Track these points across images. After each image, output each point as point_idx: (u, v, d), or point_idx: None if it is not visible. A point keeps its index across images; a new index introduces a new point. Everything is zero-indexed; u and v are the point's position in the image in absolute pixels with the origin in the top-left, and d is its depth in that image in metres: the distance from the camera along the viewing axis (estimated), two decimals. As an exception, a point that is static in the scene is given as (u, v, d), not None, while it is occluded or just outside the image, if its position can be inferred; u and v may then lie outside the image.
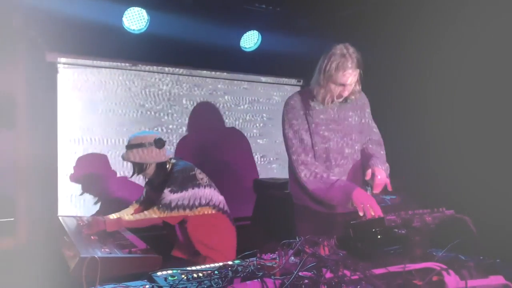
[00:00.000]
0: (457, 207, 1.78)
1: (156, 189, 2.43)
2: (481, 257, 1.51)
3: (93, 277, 1.50)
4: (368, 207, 1.91)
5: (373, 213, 1.89)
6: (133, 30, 3.19)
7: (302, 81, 4.32)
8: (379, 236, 1.79)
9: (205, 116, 3.83)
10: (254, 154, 4.11)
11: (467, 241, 1.61)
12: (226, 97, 3.93)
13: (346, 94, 2.13)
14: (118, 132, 3.41)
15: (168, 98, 3.63)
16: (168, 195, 2.29)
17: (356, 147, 2.27)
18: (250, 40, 3.74)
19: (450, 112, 2.86)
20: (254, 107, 4.10)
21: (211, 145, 3.83)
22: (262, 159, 4.17)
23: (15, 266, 2.75)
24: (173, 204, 2.28)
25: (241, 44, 3.70)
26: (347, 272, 1.49)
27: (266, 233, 3.62)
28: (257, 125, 4.13)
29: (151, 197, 2.54)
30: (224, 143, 3.91)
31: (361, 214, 1.92)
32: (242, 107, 4.03)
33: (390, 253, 1.72)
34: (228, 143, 3.95)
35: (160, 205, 2.28)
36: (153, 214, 2.28)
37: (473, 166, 2.68)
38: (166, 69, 3.59)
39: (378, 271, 1.59)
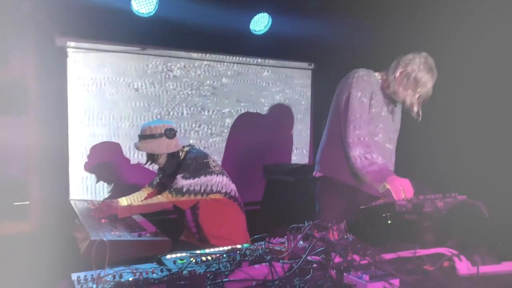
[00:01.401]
0: (470, 193, 1.75)
1: (169, 177, 2.44)
2: (498, 243, 1.47)
3: (103, 259, 1.51)
4: (400, 189, 1.92)
5: (404, 196, 1.89)
6: (142, 13, 3.16)
7: (313, 64, 4.26)
8: (389, 222, 1.77)
9: (219, 101, 3.81)
10: (263, 138, 4.09)
11: (479, 226, 1.59)
12: (235, 80, 3.90)
13: (414, 101, 2.23)
14: (128, 116, 3.42)
15: (178, 82, 3.61)
16: (180, 181, 2.30)
17: (395, 144, 2.40)
18: (260, 23, 3.68)
19: (464, 94, 2.79)
20: (263, 90, 4.07)
21: (223, 130, 3.83)
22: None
23: (28, 249, 2.80)
24: (184, 189, 2.29)
25: (251, 27, 3.65)
26: (356, 257, 1.48)
27: (275, 217, 3.62)
28: (266, 108, 4.10)
29: (164, 183, 2.55)
30: (236, 128, 3.90)
31: (394, 196, 1.95)
32: (252, 91, 4.00)
33: (400, 238, 1.72)
34: (240, 127, 3.93)
35: (172, 190, 2.29)
36: (164, 198, 2.29)
37: (486, 151, 2.63)
38: (175, 52, 3.55)
39: (388, 256, 1.58)
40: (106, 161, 3.30)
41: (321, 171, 2.40)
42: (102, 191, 3.31)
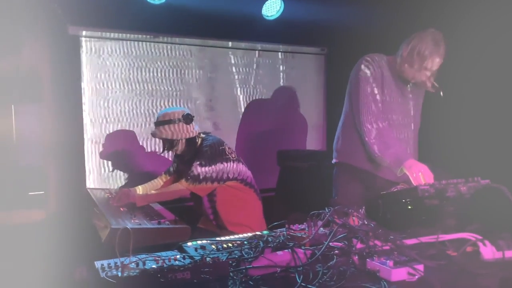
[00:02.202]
0: (492, 177, 1.72)
1: (186, 163, 2.44)
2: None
3: (124, 247, 1.52)
4: (419, 175, 1.92)
5: (424, 181, 1.89)
6: (154, 1, 3.13)
7: (326, 49, 4.20)
8: (409, 207, 1.76)
9: (230, 87, 3.79)
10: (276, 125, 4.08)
11: (504, 211, 1.56)
12: (247, 67, 3.86)
13: (425, 78, 2.20)
14: (143, 104, 3.42)
15: (190, 69, 3.59)
16: (197, 168, 2.30)
17: (411, 128, 2.37)
18: (273, 8, 3.62)
19: (485, 76, 2.73)
20: (276, 76, 4.03)
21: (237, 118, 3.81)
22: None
23: (46, 237, 2.84)
24: (201, 176, 2.29)
25: (263, 13, 3.60)
26: (378, 243, 1.47)
27: (290, 204, 3.62)
28: (278, 94, 4.07)
29: (181, 170, 2.55)
30: (248, 114, 3.88)
31: (413, 182, 1.95)
32: (264, 77, 3.96)
33: (420, 223, 1.70)
34: (252, 114, 3.91)
35: (189, 177, 2.30)
36: (181, 186, 2.30)
37: (509, 134, 2.57)
38: (187, 39, 3.53)
39: (410, 241, 1.57)
40: (121, 149, 3.32)
41: (338, 158, 2.42)
42: (118, 179, 3.34)
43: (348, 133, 2.35)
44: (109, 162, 3.29)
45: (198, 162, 2.32)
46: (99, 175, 3.29)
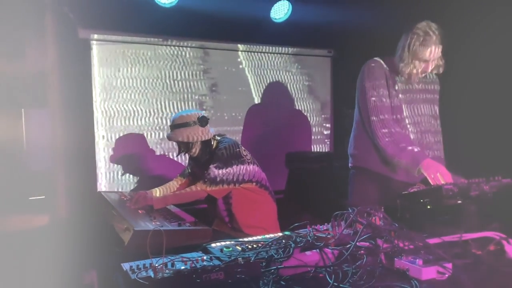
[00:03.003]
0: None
1: (202, 166, 2.45)
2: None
3: (147, 248, 1.52)
4: (438, 175, 1.94)
5: (443, 181, 1.90)
6: (164, 3, 3.15)
7: (332, 51, 4.22)
8: (428, 207, 1.77)
9: (238, 89, 3.81)
10: (286, 127, 4.09)
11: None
12: (255, 69, 3.88)
13: (429, 69, 2.23)
14: (153, 107, 3.43)
15: (200, 71, 3.60)
16: (214, 171, 2.31)
17: (427, 126, 2.36)
18: (281, 10, 3.64)
19: (503, 75, 2.74)
20: (283, 78, 4.04)
21: (244, 119, 3.82)
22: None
23: (55, 240, 2.83)
24: (218, 179, 2.30)
25: (271, 15, 3.62)
26: (405, 242, 1.48)
27: (299, 206, 3.63)
28: (285, 96, 4.08)
29: (196, 173, 2.55)
30: (253, 116, 3.89)
31: (431, 182, 1.96)
32: (271, 79, 3.98)
33: (440, 223, 1.71)
34: (258, 116, 3.92)
35: (206, 180, 2.30)
36: (199, 188, 2.30)
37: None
38: (197, 42, 3.55)
39: (432, 240, 1.58)
40: (131, 152, 3.32)
41: (354, 163, 2.45)
42: (129, 182, 3.34)
43: (361, 138, 2.38)
44: (120, 166, 3.29)
45: (214, 165, 2.32)
46: (110, 179, 3.29)
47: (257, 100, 3.92)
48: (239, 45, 3.75)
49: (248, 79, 3.85)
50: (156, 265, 1.30)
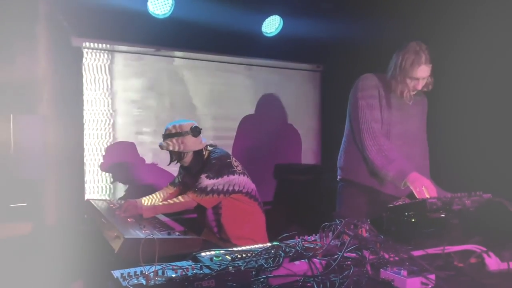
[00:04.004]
0: (493, 192, 1.80)
1: (193, 175, 2.47)
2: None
3: (137, 257, 1.53)
4: (423, 189, 2.00)
5: (428, 195, 1.96)
6: (158, 14, 3.19)
7: (322, 66, 4.31)
8: (413, 220, 1.82)
9: (229, 102, 3.86)
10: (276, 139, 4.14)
11: (506, 224, 1.64)
12: (246, 82, 3.94)
13: (420, 87, 2.31)
14: (144, 116, 3.45)
15: (192, 83, 3.64)
16: (205, 180, 2.33)
17: (415, 142, 2.44)
18: (272, 25, 3.72)
19: (489, 92, 2.83)
20: (273, 91, 4.10)
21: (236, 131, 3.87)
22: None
23: (42, 249, 2.81)
24: (208, 189, 2.33)
25: (262, 30, 3.69)
26: (390, 253, 1.52)
27: (286, 217, 3.67)
28: (275, 109, 4.14)
29: (187, 182, 2.57)
30: (244, 129, 3.93)
31: (417, 195, 2.02)
32: (261, 92, 4.03)
33: (424, 236, 1.76)
34: (248, 128, 3.96)
35: (196, 189, 2.32)
36: (188, 197, 2.33)
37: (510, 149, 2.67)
38: (189, 54, 3.59)
39: (416, 253, 1.63)
40: (121, 161, 3.32)
41: (342, 175, 2.51)
42: (118, 190, 3.33)
43: (351, 151, 2.44)
44: (109, 174, 3.28)
45: (205, 175, 2.35)
46: (98, 187, 3.28)
47: (247, 113, 3.96)
48: (230, 58, 3.80)
49: (238, 91, 3.89)
50: (147, 272, 1.31)
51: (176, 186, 2.65)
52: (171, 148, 2.42)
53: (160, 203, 2.42)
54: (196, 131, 2.43)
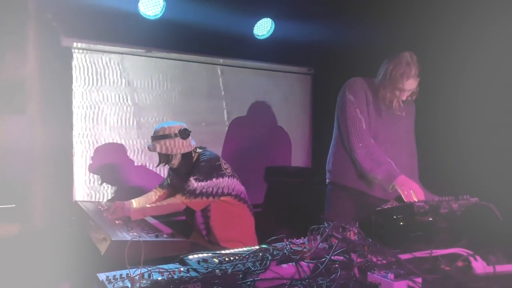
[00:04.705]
0: (479, 195, 1.81)
1: (182, 177, 2.46)
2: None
3: (123, 259, 1.52)
4: (411, 192, 2.01)
5: (416, 198, 1.97)
6: (149, 16, 3.17)
7: (313, 69, 4.32)
8: (401, 223, 1.83)
9: (220, 104, 3.85)
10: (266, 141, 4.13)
11: (493, 227, 1.65)
12: (237, 84, 3.93)
13: (405, 98, 2.34)
14: (133, 117, 3.42)
15: (182, 84, 3.62)
16: (194, 183, 2.32)
17: (403, 146, 2.45)
18: (264, 27, 3.73)
19: (474, 96, 2.86)
20: (264, 94, 4.11)
21: (225, 134, 3.86)
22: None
23: (28, 250, 2.77)
24: (198, 191, 2.31)
25: (254, 32, 3.70)
26: (378, 257, 1.52)
27: (277, 220, 3.66)
28: (266, 112, 4.14)
29: (175, 184, 2.56)
30: (234, 131, 3.93)
31: (404, 199, 2.03)
32: (252, 94, 4.03)
33: (412, 239, 1.77)
34: (238, 130, 3.96)
35: (185, 192, 2.31)
36: (177, 200, 2.31)
37: (496, 153, 2.69)
38: (180, 55, 3.57)
39: (404, 256, 1.63)
40: (110, 162, 3.30)
41: (331, 178, 2.51)
42: (107, 192, 3.30)
43: (339, 154, 2.45)
44: (97, 175, 3.25)
45: (194, 177, 2.34)
46: (87, 188, 3.25)
47: (238, 115, 3.95)
48: (221, 60, 3.79)
49: (228, 93, 3.88)
50: (133, 275, 1.30)
51: (165, 188, 2.63)
52: (158, 150, 2.41)
53: (149, 205, 2.41)
54: (184, 134, 2.41)
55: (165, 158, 2.46)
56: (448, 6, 2.89)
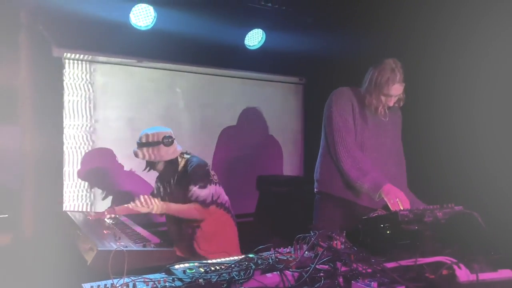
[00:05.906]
0: (464, 204, 1.83)
1: (168, 183, 2.45)
2: (492, 252, 1.56)
3: (111, 269, 1.52)
4: (397, 201, 2.03)
5: (401, 207, 1.99)
6: (140, 26, 3.20)
7: (304, 79, 4.36)
8: (388, 232, 1.84)
9: (213, 114, 3.86)
10: (258, 151, 4.15)
11: (476, 236, 1.66)
12: (229, 94, 3.95)
13: (392, 104, 2.36)
14: (123, 126, 3.43)
15: (173, 95, 3.64)
16: (196, 191, 2.33)
17: (390, 155, 2.46)
18: (255, 38, 3.76)
19: (459, 106, 2.89)
20: (255, 103, 4.13)
21: (216, 143, 3.87)
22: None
23: (20, 261, 2.76)
24: (208, 200, 2.35)
25: (245, 42, 3.73)
26: (362, 265, 1.53)
27: (268, 229, 3.66)
28: (257, 121, 4.16)
29: (162, 190, 2.55)
30: (225, 140, 3.94)
31: (391, 207, 2.05)
32: (244, 104, 4.06)
33: (399, 247, 1.78)
34: (229, 140, 3.97)
35: (198, 201, 2.33)
36: (194, 207, 2.34)
37: (481, 162, 2.72)
38: (171, 65, 3.60)
39: (390, 264, 1.64)
40: (99, 167, 3.29)
41: (319, 188, 2.52)
42: (97, 201, 3.29)
43: (326, 164, 2.46)
44: (86, 181, 3.25)
45: (197, 186, 2.33)
46: (77, 196, 3.24)
47: (229, 124, 3.97)
48: (212, 70, 3.81)
49: (220, 103, 3.90)
50: (117, 285, 1.30)
51: (155, 197, 2.62)
52: (140, 157, 2.41)
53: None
54: (168, 141, 2.40)
55: (149, 164, 2.46)
56: (435, 16, 2.95)
